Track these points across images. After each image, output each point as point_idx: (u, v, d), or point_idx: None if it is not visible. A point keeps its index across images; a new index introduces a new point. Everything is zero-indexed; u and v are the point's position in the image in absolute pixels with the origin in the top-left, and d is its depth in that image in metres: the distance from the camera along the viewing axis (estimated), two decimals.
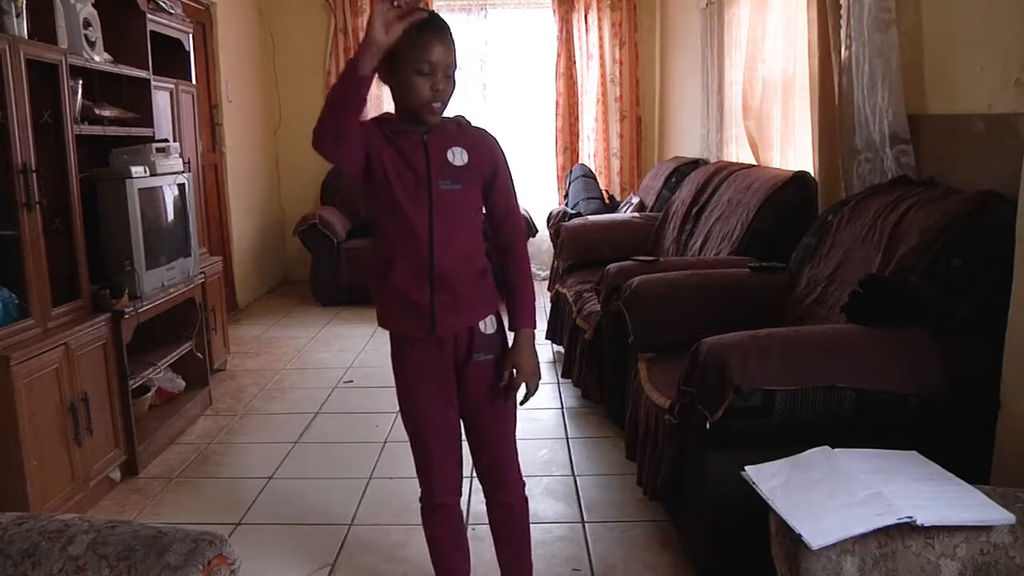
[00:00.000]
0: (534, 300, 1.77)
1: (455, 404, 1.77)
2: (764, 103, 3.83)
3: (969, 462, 1.62)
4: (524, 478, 1.88)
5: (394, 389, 1.81)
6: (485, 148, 1.72)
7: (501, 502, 1.87)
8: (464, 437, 1.84)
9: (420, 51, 1.54)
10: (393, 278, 1.67)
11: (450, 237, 1.64)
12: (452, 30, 1.61)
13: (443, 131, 1.67)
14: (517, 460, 1.85)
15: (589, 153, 6.43)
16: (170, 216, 3.33)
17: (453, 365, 1.73)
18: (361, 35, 6.26)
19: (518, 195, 1.83)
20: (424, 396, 1.75)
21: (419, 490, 1.89)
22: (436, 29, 1.56)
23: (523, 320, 1.75)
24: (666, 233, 4.09)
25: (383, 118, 1.70)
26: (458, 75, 1.67)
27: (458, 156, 1.66)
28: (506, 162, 1.76)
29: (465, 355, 1.72)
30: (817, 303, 2.41)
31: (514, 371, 1.72)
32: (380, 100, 6.30)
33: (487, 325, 1.73)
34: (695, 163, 4.76)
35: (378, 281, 1.71)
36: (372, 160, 1.65)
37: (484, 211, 1.74)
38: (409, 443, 1.84)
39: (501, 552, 1.93)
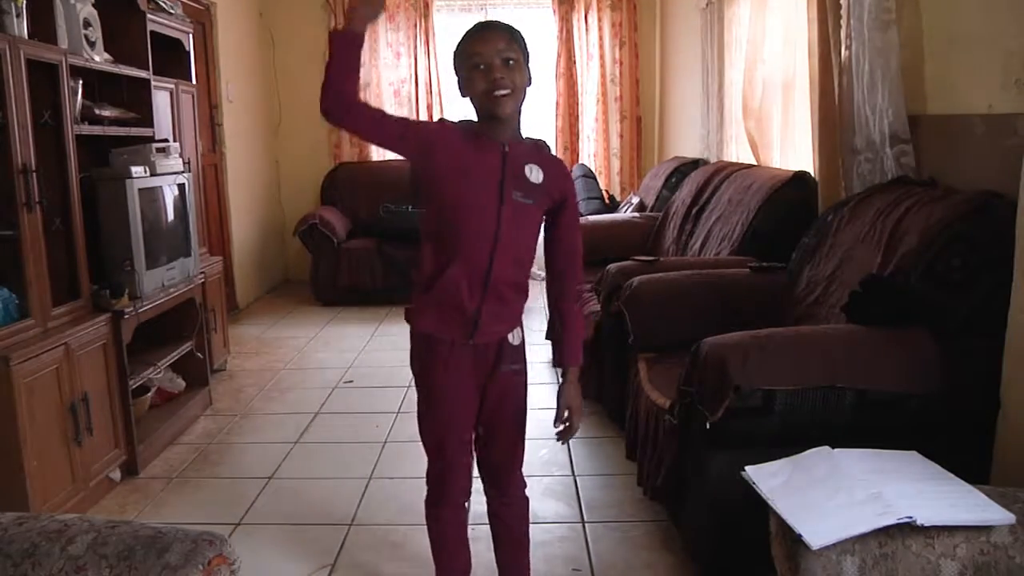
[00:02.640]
0: (583, 336, 1.80)
1: (475, 409, 1.78)
2: (764, 103, 3.83)
3: (969, 462, 1.62)
4: (526, 479, 1.89)
5: (394, 389, 1.81)
6: (560, 174, 1.73)
7: (504, 502, 1.88)
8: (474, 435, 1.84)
9: (468, 52, 1.63)
10: (446, 279, 1.66)
11: (512, 247, 1.66)
12: (506, 25, 1.71)
13: (522, 147, 1.69)
14: (521, 469, 1.87)
15: (589, 153, 6.44)
16: (170, 216, 3.33)
17: (482, 372, 1.74)
18: None
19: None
20: (451, 399, 1.75)
21: (423, 490, 1.88)
22: (478, 28, 1.67)
23: (573, 358, 1.78)
24: (666, 233, 4.09)
25: (468, 124, 1.73)
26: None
27: (534, 173, 1.66)
28: (575, 193, 1.79)
29: (494, 363, 1.73)
30: (817, 303, 2.41)
31: (566, 412, 1.76)
32: (381, 102, 6.33)
33: (515, 336, 1.75)
34: (695, 163, 4.76)
35: (426, 280, 1.70)
36: (442, 157, 1.64)
37: (546, 237, 1.76)
38: (422, 443, 1.83)
39: (500, 552, 1.94)
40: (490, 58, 1.60)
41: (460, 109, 1.80)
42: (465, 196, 1.63)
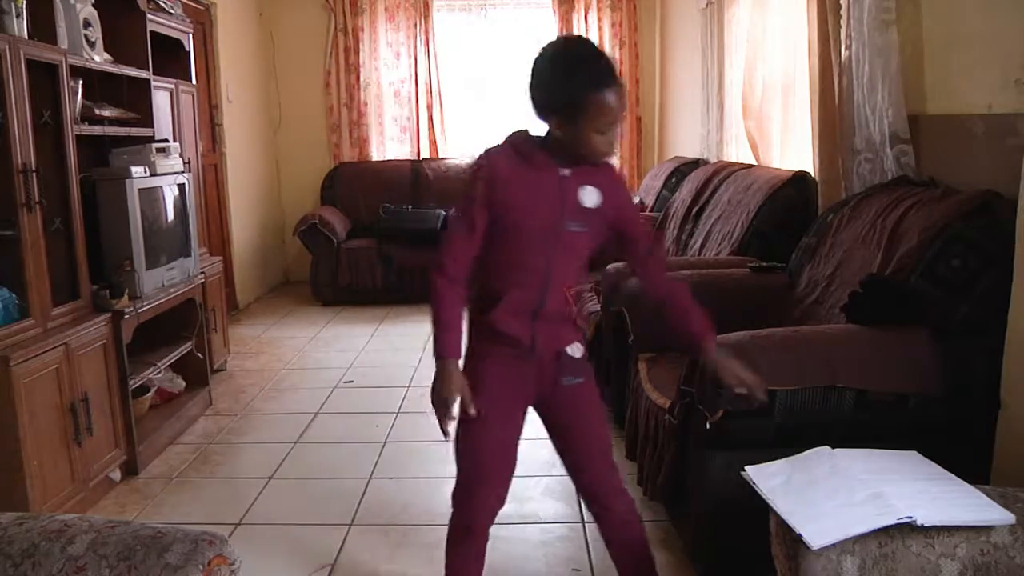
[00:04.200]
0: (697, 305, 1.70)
1: (521, 428, 1.72)
2: (764, 103, 3.83)
3: (969, 462, 1.62)
4: (626, 490, 1.78)
5: (393, 389, 1.80)
6: (615, 187, 1.65)
7: (612, 520, 1.77)
8: (562, 463, 1.79)
9: (600, 113, 1.49)
10: (496, 314, 1.62)
11: (564, 278, 1.63)
12: (621, 82, 1.54)
13: (580, 170, 1.59)
14: (618, 476, 1.76)
15: None
16: (170, 216, 3.33)
17: (538, 388, 1.69)
18: (361, 35, 6.23)
19: None
20: (498, 416, 1.67)
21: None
22: (615, 85, 1.50)
23: (706, 329, 1.67)
24: (666, 233, 4.09)
25: (519, 143, 1.61)
26: (461, 76, 1.65)
27: (589, 196, 1.59)
28: (630, 194, 1.73)
29: (553, 378, 1.68)
30: (817, 303, 2.41)
31: (740, 385, 1.62)
32: (381, 102, 6.33)
33: (575, 350, 1.70)
34: (695, 163, 4.76)
35: (478, 313, 1.66)
36: (498, 203, 1.56)
37: (622, 243, 1.70)
38: (457, 462, 1.72)
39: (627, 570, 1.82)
40: (615, 122, 1.50)
41: (460, 109, 1.77)
42: (523, 236, 1.58)
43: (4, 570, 1.18)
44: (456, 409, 1.58)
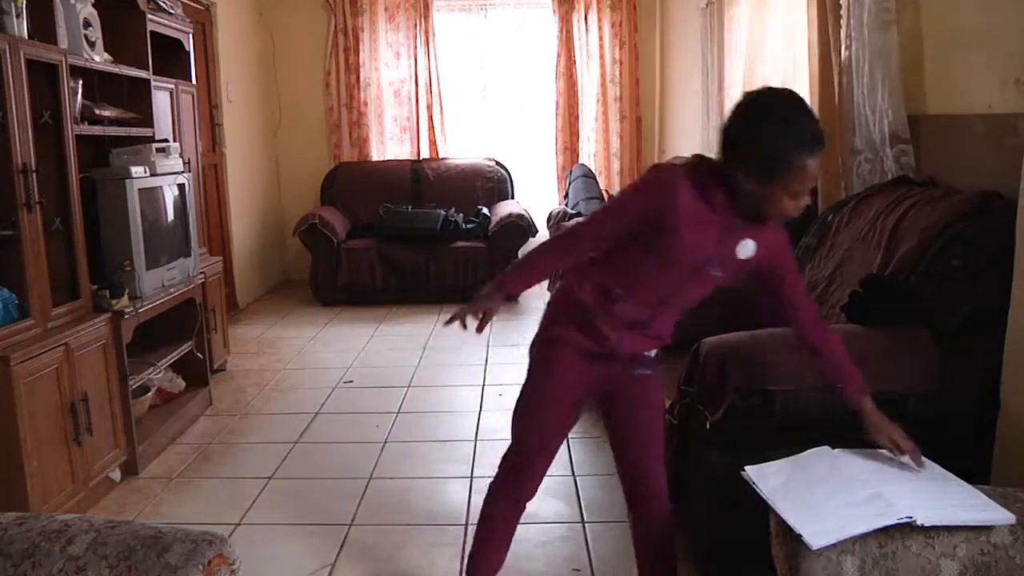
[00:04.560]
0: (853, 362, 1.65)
1: (576, 419, 1.76)
2: None
3: (969, 462, 1.62)
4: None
5: (394, 389, 1.81)
6: (777, 247, 1.61)
7: (639, 516, 1.80)
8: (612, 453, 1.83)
9: (802, 177, 1.43)
10: (600, 312, 1.62)
11: (680, 307, 1.64)
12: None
13: (753, 225, 1.54)
14: (662, 477, 1.77)
15: (589, 153, 6.43)
16: (170, 216, 3.33)
17: (607, 383, 1.71)
18: (361, 35, 6.23)
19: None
20: (558, 399, 1.71)
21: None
22: (819, 144, 1.43)
23: (859, 387, 1.62)
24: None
25: (705, 176, 1.53)
26: (461, 76, 1.64)
27: (745, 249, 1.55)
28: (791, 252, 1.69)
29: (625, 368, 1.69)
30: (817, 303, 2.41)
31: (897, 448, 1.54)
32: (381, 102, 6.33)
33: (650, 352, 1.72)
34: None
35: (578, 301, 1.65)
36: (660, 224, 1.52)
37: (762, 288, 1.68)
38: (511, 428, 1.79)
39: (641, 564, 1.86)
40: (808, 188, 1.45)
41: (459, 109, 1.77)
42: (665, 263, 1.56)
43: (4, 570, 1.18)
44: (473, 322, 1.60)
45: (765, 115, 1.45)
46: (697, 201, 1.51)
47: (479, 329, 1.61)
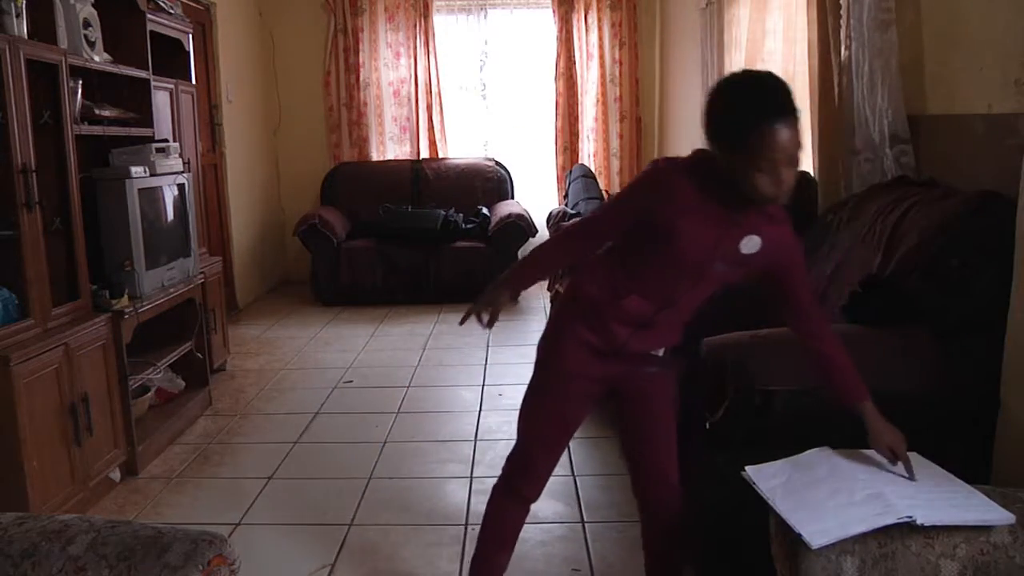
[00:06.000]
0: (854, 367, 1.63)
1: (585, 413, 1.76)
2: None
3: (969, 462, 1.62)
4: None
5: (394, 389, 1.81)
6: (783, 245, 1.57)
7: (648, 504, 1.82)
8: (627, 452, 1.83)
9: (768, 144, 1.38)
10: (606, 309, 1.62)
11: (687, 307, 1.63)
12: (796, 106, 1.42)
13: (752, 215, 1.51)
14: (674, 468, 1.77)
15: (589, 153, 6.43)
16: (170, 216, 3.33)
17: (616, 375, 1.70)
18: (361, 35, 6.23)
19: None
20: (572, 396, 1.71)
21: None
22: (779, 113, 1.39)
23: (860, 392, 1.60)
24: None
25: (702, 168, 1.51)
26: (460, 76, 1.63)
27: (750, 245, 1.52)
28: (801, 256, 1.65)
29: (633, 366, 1.69)
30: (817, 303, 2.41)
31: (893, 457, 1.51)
32: (381, 102, 6.33)
33: (659, 351, 1.71)
34: None
35: (588, 297, 1.65)
36: (658, 219, 1.52)
37: (765, 287, 1.65)
38: (518, 425, 1.79)
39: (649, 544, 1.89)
40: (781, 160, 1.39)
41: (459, 109, 1.77)
42: (667, 261, 1.55)
43: (4, 570, 1.18)
44: (485, 318, 1.64)
45: (734, 86, 1.48)
46: (695, 193, 1.49)
47: (489, 324, 1.63)
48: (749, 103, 1.41)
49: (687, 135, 5.41)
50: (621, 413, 1.79)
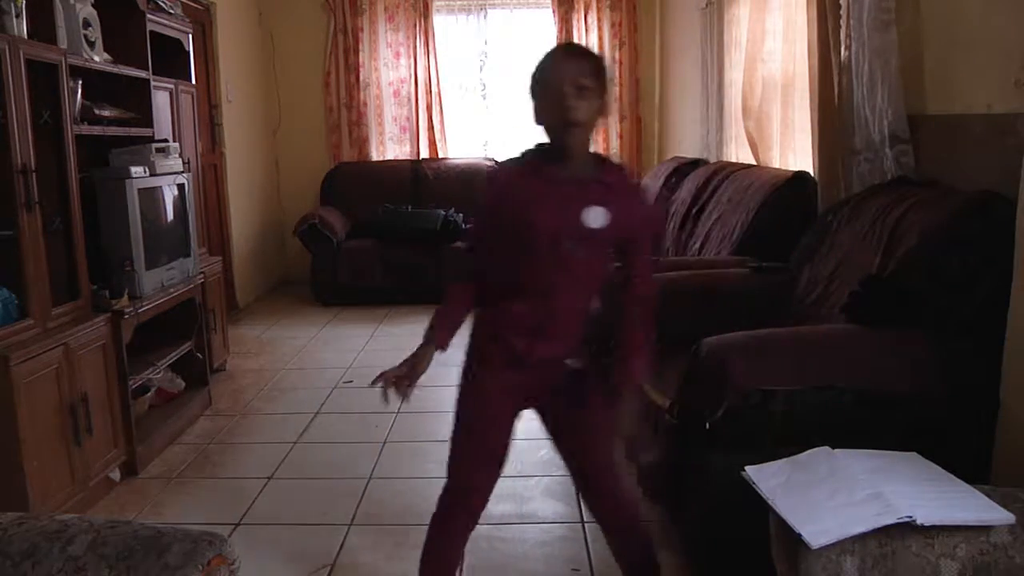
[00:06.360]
0: (644, 355, 1.67)
1: (510, 435, 1.72)
2: (764, 103, 3.83)
3: (969, 462, 1.62)
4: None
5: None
6: (629, 211, 1.59)
7: (609, 531, 1.81)
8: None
9: (543, 78, 1.54)
10: (496, 323, 1.64)
11: (569, 298, 1.61)
12: (586, 50, 1.61)
13: (588, 184, 1.56)
14: (619, 488, 1.76)
15: None
16: (170, 216, 3.33)
17: (532, 397, 1.69)
18: (361, 35, 6.23)
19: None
20: (488, 422, 1.69)
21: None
22: (556, 52, 1.59)
23: (625, 375, 1.65)
24: (666, 233, 4.09)
25: (531, 156, 1.62)
26: (460, 76, 1.63)
27: (595, 217, 1.54)
28: (655, 227, 1.67)
29: (550, 389, 1.68)
30: (817, 303, 2.41)
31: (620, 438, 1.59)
32: (381, 102, 6.33)
33: (574, 361, 1.69)
34: (695, 163, 4.76)
35: (482, 318, 1.68)
36: (503, 215, 1.60)
37: (623, 268, 1.67)
38: (448, 462, 1.75)
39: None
40: (564, 85, 1.50)
41: (459, 109, 1.77)
42: (518, 249, 1.57)
43: (4, 570, 1.18)
44: (396, 390, 1.61)
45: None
46: (526, 179, 1.58)
47: (404, 394, 1.59)
48: (543, 56, 1.58)
49: (687, 135, 5.41)
50: (554, 439, 1.77)
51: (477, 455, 1.72)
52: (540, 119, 1.57)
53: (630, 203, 1.61)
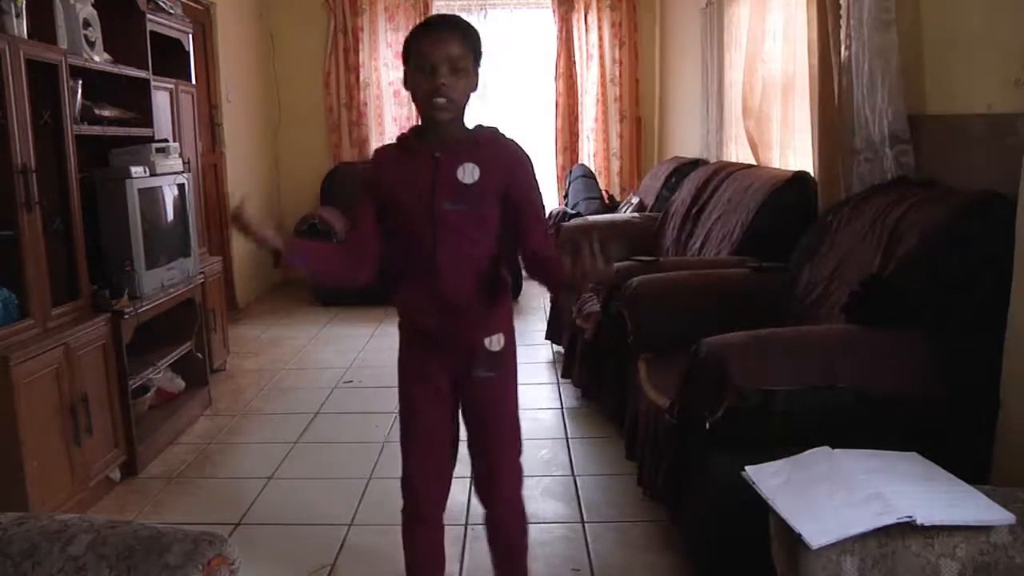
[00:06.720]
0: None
1: (449, 416, 1.76)
2: (764, 103, 3.83)
3: (969, 462, 1.62)
4: (522, 498, 1.84)
5: (393, 389, 1.81)
6: (501, 164, 1.61)
7: (489, 520, 1.84)
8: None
9: (416, 50, 1.55)
10: (402, 297, 1.70)
11: (457, 260, 1.60)
12: (462, 24, 1.58)
13: (458, 147, 1.59)
14: (512, 481, 1.81)
15: (589, 153, 6.43)
16: (170, 216, 3.33)
17: (453, 376, 1.72)
18: (361, 35, 6.23)
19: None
20: (419, 400, 1.74)
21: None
22: (428, 27, 1.57)
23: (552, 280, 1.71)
24: (666, 233, 4.09)
25: (401, 135, 1.69)
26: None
27: (468, 173, 1.57)
28: (528, 176, 1.66)
29: (465, 368, 1.70)
30: (817, 303, 2.41)
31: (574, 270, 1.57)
32: (381, 102, 6.33)
33: (493, 343, 1.69)
34: (695, 163, 4.76)
35: (395, 299, 1.75)
36: (384, 184, 1.64)
37: (522, 240, 1.69)
38: (401, 448, 1.80)
39: (496, 569, 1.90)
40: (437, 61, 1.50)
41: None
42: (401, 219, 1.62)
43: (4, 570, 1.18)
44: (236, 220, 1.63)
45: None
46: (396, 154, 1.64)
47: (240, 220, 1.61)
48: (418, 24, 1.61)
49: (687, 135, 5.41)
50: (465, 421, 1.79)
51: (415, 453, 1.76)
52: (413, 93, 1.58)
53: (501, 151, 1.63)
